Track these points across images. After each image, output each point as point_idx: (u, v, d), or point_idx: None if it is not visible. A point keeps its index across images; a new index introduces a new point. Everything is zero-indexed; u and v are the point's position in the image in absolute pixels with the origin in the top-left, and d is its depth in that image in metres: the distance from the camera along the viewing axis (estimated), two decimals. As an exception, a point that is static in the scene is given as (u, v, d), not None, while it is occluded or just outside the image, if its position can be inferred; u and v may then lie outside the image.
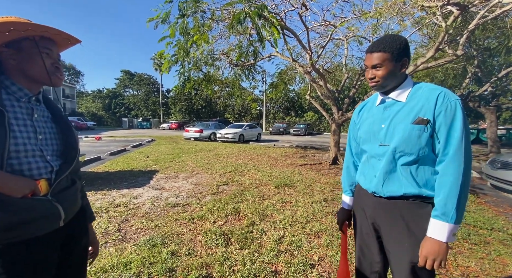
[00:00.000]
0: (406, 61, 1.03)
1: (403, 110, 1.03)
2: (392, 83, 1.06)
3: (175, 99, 39.41)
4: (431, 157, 1.00)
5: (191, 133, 15.32)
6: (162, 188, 4.41)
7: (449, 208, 0.91)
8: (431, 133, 0.97)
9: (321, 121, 31.52)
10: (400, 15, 6.39)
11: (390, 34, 1.10)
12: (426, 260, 0.94)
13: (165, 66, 6.66)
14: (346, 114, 7.74)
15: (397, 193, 1.03)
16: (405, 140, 1.00)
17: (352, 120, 1.34)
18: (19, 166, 0.76)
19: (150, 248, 2.31)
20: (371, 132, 1.13)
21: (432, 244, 0.92)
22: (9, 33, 0.74)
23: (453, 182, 0.92)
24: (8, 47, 0.78)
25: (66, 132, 0.93)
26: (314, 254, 2.27)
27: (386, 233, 1.08)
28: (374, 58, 1.03)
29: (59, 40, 0.86)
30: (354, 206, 1.29)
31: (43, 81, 0.84)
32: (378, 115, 1.12)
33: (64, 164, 0.89)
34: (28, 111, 0.83)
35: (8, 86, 0.80)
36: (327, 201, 3.77)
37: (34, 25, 0.76)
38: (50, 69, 0.83)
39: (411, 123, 0.99)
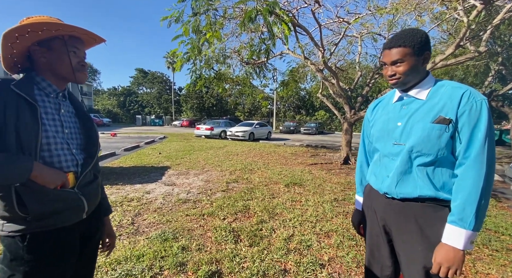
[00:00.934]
0: (428, 54, 0.97)
1: (423, 108, 0.97)
2: (414, 80, 1.00)
3: (187, 97, 39.97)
4: (450, 159, 0.94)
5: (202, 131, 15.50)
6: (173, 184, 4.49)
7: (467, 213, 0.86)
8: (452, 134, 0.91)
9: (333, 121, 31.03)
10: (418, 10, 6.16)
11: (408, 28, 1.05)
12: (439, 268, 0.89)
13: (178, 64, 6.76)
14: (358, 113, 7.58)
15: (412, 195, 0.98)
16: (424, 140, 0.94)
17: (365, 117, 1.29)
18: (50, 158, 0.80)
19: (161, 242, 2.36)
20: (385, 131, 1.08)
21: (447, 251, 0.88)
22: (41, 33, 0.78)
23: (473, 186, 0.86)
24: (40, 46, 0.82)
25: (88, 127, 0.97)
26: (324, 254, 2.24)
27: (398, 236, 1.04)
28: (394, 54, 0.96)
29: (86, 39, 0.90)
30: (364, 206, 1.25)
31: (69, 78, 0.88)
32: (395, 113, 1.06)
33: (88, 158, 0.93)
34: (56, 106, 0.87)
35: (39, 82, 0.84)
36: (338, 201, 3.72)
37: (64, 25, 0.80)
38: (76, 67, 0.87)
39: (431, 123, 0.93)
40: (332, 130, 30.02)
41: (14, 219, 0.75)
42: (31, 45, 0.82)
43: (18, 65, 0.87)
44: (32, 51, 0.83)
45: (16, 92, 0.74)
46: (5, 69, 0.86)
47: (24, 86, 0.77)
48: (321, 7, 5.77)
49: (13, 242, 0.76)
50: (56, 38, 0.83)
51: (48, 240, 0.80)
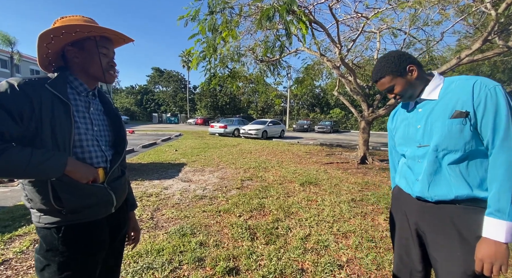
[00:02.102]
0: (413, 66, 1.01)
1: (438, 107, 0.97)
2: (418, 89, 1.03)
3: (201, 95, 40.59)
4: (482, 152, 0.90)
5: (216, 129, 15.69)
6: (190, 180, 4.59)
7: (503, 203, 0.81)
8: (475, 126, 0.88)
9: (348, 119, 30.34)
10: (442, 3, 5.85)
11: (380, 57, 1.08)
12: (482, 265, 0.84)
13: (194, 62, 6.86)
14: (376, 111, 7.35)
15: (447, 197, 0.93)
16: (446, 136, 0.92)
17: (388, 128, 1.30)
18: (82, 154, 0.84)
19: (180, 237, 2.42)
20: (407, 135, 1.08)
21: (489, 245, 0.83)
22: (75, 34, 0.82)
23: (505, 173, 0.82)
24: (73, 46, 0.86)
25: (116, 124, 1.01)
26: (342, 255, 2.20)
27: (433, 240, 0.99)
28: (381, 85, 1.06)
29: (116, 39, 0.94)
30: (393, 210, 1.22)
31: (99, 78, 0.91)
32: (413, 117, 1.07)
33: (116, 154, 0.97)
34: (86, 104, 0.91)
35: (71, 82, 0.88)
36: (356, 201, 3.63)
37: (96, 27, 0.83)
38: (106, 67, 0.90)
39: (449, 118, 0.92)
40: (347, 129, 29.37)
41: (50, 212, 0.79)
42: (65, 45, 0.86)
43: (53, 64, 0.91)
44: (66, 51, 0.87)
45: (51, 91, 0.77)
46: (40, 67, 0.91)
47: (58, 85, 0.81)
48: (339, 2, 5.61)
49: (49, 233, 0.80)
50: (88, 38, 0.87)
51: (81, 232, 0.84)
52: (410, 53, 4.79)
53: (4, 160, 0.65)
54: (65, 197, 0.77)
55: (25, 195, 0.80)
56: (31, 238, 2.34)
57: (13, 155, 0.67)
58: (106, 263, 0.97)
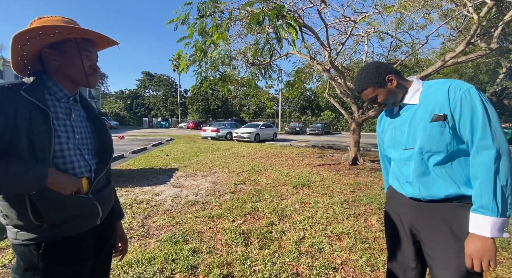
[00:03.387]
0: (391, 76, 1.06)
1: (419, 111, 1.01)
2: (399, 95, 1.08)
3: (192, 99, 40.29)
4: (465, 150, 0.94)
5: (208, 133, 15.57)
6: (182, 186, 4.51)
7: (486, 199, 0.85)
8: (454, 127, 0.92)
9: (339, 121, 30.77)
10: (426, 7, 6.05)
11: (360, 70, 1.14)
12: (472, 260, 0.87)
13: (183, 66, 6.80)
14: (366, 113, 7.47)
15: (438, 196, 0.97)
16: (428, 139, 0.97)
17: (377, 133, 1.35)
18: (63, 165, 0.79)
19: (172, 244, 2.35)
20: (394, 139, 1.13)
21: (475, 241, 0.86)
22: (53, 36, 0.76)
23: (485, 170, 0.86)
24: (51, 49, 0.80)
25: (100, 131, 0.96)
26: (337, 257, 2.20)
27: (427, 238, 1.02)
28: (365, 96, 1.11)
29: (99, 42, 0.89)
30: (387, 209, 1.24)
31: (81, 82, 0.86)
32: (398, 121, 1.12)
33: (101, 163, 0.92)
34: (67, 111, 0.86)
35: (50, 87, 0.82)
36: (348, 202, 3.66)
37: (77, 28, 0.78)
38: (88, 71, 0.85)
39: (430, 122, 0.96)
40: (338, 131, 29.76)
41: (28, 227, 0.73)
42: (42, 47, 0.80)
43: (29, 67, 0.85)
44: (43, 54, 0.81)
45: (26, 98, 0.72)
46: (14, 71, 0.85)
47: (35, 91, 0.75)
48: (328, 6, 5.71)
49: (28, 251, 0.75)
50: (68, 40, 0.81)
51: (64, 247, 0.78)
52: (397, 56, 4.90)
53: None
54: (46, 211, 0.72)
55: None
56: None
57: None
58: (92, 277, 0.92)
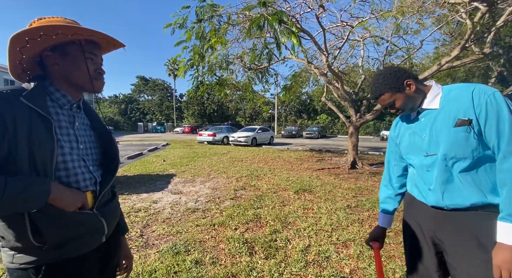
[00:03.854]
0: (409, 80, 1.02)
1: (440, 116, 0.98)
2: (418, 100, 1.04)
3: (188, 103, 40.14)
4: (490, 156, 0.90)
5: (205, 137, 15.45)
6: (180, 192, 4.39)
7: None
8: (479, 132, 0.89)
9: (335, 124, 31.00)
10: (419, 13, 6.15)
11: (376, 75, 1.10)
12: (500, 271, 0.82)
13: (181, 70, 6.75)
14: (364, 116, 7.51)
15: (463, 205, 0.92)
16: (453, 145, 0.92)
17: (389, 138, 1.30)
18: (67, 178, 0.71)
19: (173, 255, 2.25)
20: (414, 145, 1.08)
21: (504, 251, 0.81)
22: (56, 37, 0.69)
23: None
24: (53, 51, 0.73)
25: (105, 140, 0.89)
26: (345, 266, 2.13)
27: (451, 248, 0.97)
28: (382, 101, 1.07)
29: (104, 44, 0.82)
30: (406, 218, 1.19)
31: (85, 87, 0.79)
32: (417, 126, 1.08)
33: (106, 174, 0.85)
34: (70, 119, 0.79)
35: (52, 93, 0.75)
36: (351, 207, 3.61)
37: (82, 29, 0.71)
38: (93, 75, 0.78)
39: (453, 127, 0.92)
40: (334, 134, 29.94)
41: (27, 249, 0.66)
42: (43, 50, 0.73)
43: (28, 72, 0.78)
44: (45, 57, 0.74)
45: (27, 105, 0.65)
46: (12, 76, 0.77)
47: (36, 97, 0.68)
48: (326, 11, 5.76)
49: (25, 275, 0.67)
50: (72, 43, 0.74)
51: (66, 269, 0.71)
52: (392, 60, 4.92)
53: None
54: (47, 230, 0.64)
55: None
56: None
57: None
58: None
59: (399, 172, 1.26)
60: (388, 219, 1.28)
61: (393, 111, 1.11)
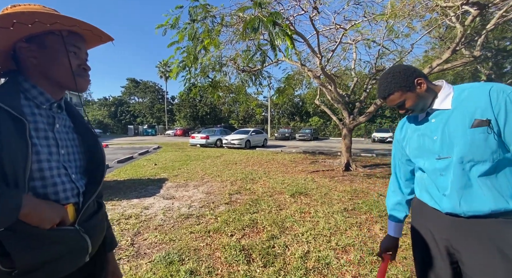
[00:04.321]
0: (420, 79, 0.97)
1: (454, 116, 0.92)
2: (428, 100, 0.99)
3: (180, 106, 39.69)
4: (510, 161, 0.84)
5: (197, 140, 15.25)
6: (173, 197, 4.25)
7: None
8: (499, 133, 0.83)
9: (327, 126, 31.28)
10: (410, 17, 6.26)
11: (384, 73, 1.03)
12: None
13: (174, 72, 6.62)
14: (357, 118, 7.55)
15: (483, 211, 0.86)
16: (470, 147, 0.86)
17: (395, 139, 1.23)
18: (43, 189, 0.61)
19: (166, 265, 2.13)
20: (423, 147, 1.01)
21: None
22: (32, 26, 0.59)
23: None
24: (29, 43, 0.63)
25: (90, 144, 0.78)
26: (346, 273, 2.06)
27: (469, 258, 0.90)
28: (392, 101, 1.01)
29: (89, 36, 0.71)
30: (415, 225, 1.12)
31: (67, 85, 0.69)
32: (426, 128, 1.01)
33: (91, 184, 0.74)
34: (49, 120, 0.68)
35: (27, 90, 0.65)
36: (348, 211, 3.56)
37: (64, 17, 0.61)
38: (77, 71, 0.68)
39: (470, 128, 0.86)
40: (326, 136, 30.18)
41: None
42: (17, 41, 0.64)
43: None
44: (19, 50, 0.64)
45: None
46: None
47: (6, 95, 0.59)
48: (319, 14, 5.77)
49: None
50: (51, 33, 0.65)
51: None
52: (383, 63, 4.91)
53: None
54: (17, 253, 0.54)
55: None
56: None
57: None
58: None
59: (407, 176, 1.19)
60: (399, 227, 1.20)
61: (402, 112, 1.04)
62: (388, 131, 21.70)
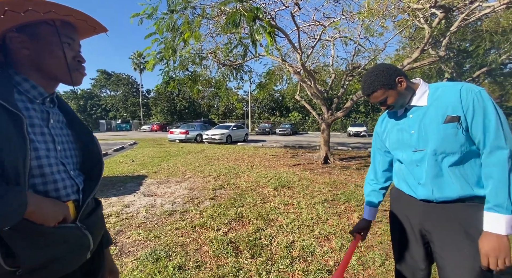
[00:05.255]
0: (401, 77, 1.05)
1: (429, 112, 1.01)
2: (407, 98, 1.07)
3: (156, 99, 38.15)
4: (475, 152, 0.96)
5: (176, 135, 14.84)
6: (154, 194, 4.14)
7: (501, 198, 0.87)
8: (466, 128, 0.94)
9: (305, 121, 32.08)
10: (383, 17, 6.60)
11: (368, 72, 1.10)
12: (488, 259, 0.88)
13: (150, 63, 6.36)
14: (335, 113, 7.85)
15: (452, 197, 0.97)
16: (443, 140, 0.97)
17: (375, 132, 1.32)
18: (43, 186, 0.59)
19: (153, 262, 2.10)
20: (401, 140, 1.11)
21: (491, 239, 0.87)
22: (24, 14, 0.56)
23: (500, 170, 0.88)
24: (20, 32, 0.60)
25: (84, 139, 0.76)
26: (329, 259, 2.19)
27: (439, 238, 1.02)
28: (375, 98, 1.08)
29: (83, 27, 0.69)
30: (394, 211, 1.23)
31: (61, 78, 0.66)
32: (405, 123, 1.11)
33: (89, 180, 0.73)
34: (43, 115, 0.65)
35: (19, 83, 0.61)
36: (329, 201, 3.74)
37: (59, 6, 0.58)
38: (72, 64, 0.66)
39: (443, 123, 0.97)
40: (305, 131, 30.96)
41: None
42: (6, 30, 0.60)
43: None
44: (9, 40, 0.61)
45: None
46: None
47: (0, 89, 0.56)
48: (300, 10, 5.84)
49: None
50: (44, 23, 0.62)
51: None
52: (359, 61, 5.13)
53: None
54: (22, 252, 0.52)
55: None
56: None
57: None
58: None
59: (385, 167, 1.30)
60: (373, 211, 1.32)
61: (383, 108, 1.13)
62: (362, 126, 22.81)
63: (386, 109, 1.16)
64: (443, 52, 5.97)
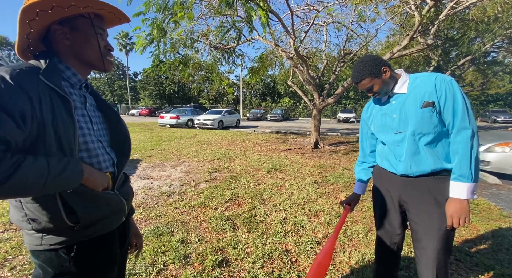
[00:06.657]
0: (386, 67, 1.18)
1: (409, 99, 1.17)
2: (390, 86, 1.21)
3: (144, 83, 36.98)
4: (445, 132, 1.14)
5: (167, 120, 14.68)
6: (150, 177, 4.26)
7: (464, 170, 1.05)
8: (439, 112, 1.11)
9: (296, 107, 32.22)
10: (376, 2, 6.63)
11: (358, 62, 1.23)
12: (452, 219, 1.08)
13: (139, 45, 6.18)
14: (326, 100, 8.00)
15: (426, 171, 1.15)
16: (420, 122, 1.13)
17: (362, 119, 1.48)
18: (89, 159, 0.71)
19: (157, 237, 2.27)
20: (385, 124, 1.27)
21: (455, 204, 1.07)
22: (67, 9, 0.64)
23: (464, 147, 1.06)
24: (61, 25, 0.68)
25: (114, 121, 0.87)
26: (318, 232, 2.43)
27: (414, 207, 1.21)
28: (362, 85, 1.21)
29: (110, 18, 0.77)
30: (377, 185, 1.42)
31: (96, 65, 0.76)
32: (388, 108, 1.26)
33: (120, 156, 0.84)
34: (81, 99, 0.76)
35: (63, 71, 0.71)
36: (318, 183, 3.99)
37: (94, 1, 0.67)
38: (104, 52, 0.75)
39: (421, 108, 1.13)
40: (296, 117, 31.20)
41: (59, 230, 0.66)
42: (51, 24, 0.68)
43: (31, 48, 0.72)
44: (53, 32, 0.69)
45: (46, 84, 0.61)
46: (17, 53, 0.70)
47: (52, 76, 0.64)
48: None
49: (56, 256, 0.67)
50: (80, 16, 0.70)
51: (96, 248, 0.73)
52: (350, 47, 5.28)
53: (20, 177, 0.50)
54: (80, 210, 0.65)
55: (23, 215, 0.64)
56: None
57: (29, 169, 0.52)
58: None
59: (372, 148, 1.48)
60: (363, 186, 1.51)
61: (370, 95, 1.28)
62: (351, 112, 23.23)
63: (373, 96, 1.31)
64: (431, 40, 6.12)
